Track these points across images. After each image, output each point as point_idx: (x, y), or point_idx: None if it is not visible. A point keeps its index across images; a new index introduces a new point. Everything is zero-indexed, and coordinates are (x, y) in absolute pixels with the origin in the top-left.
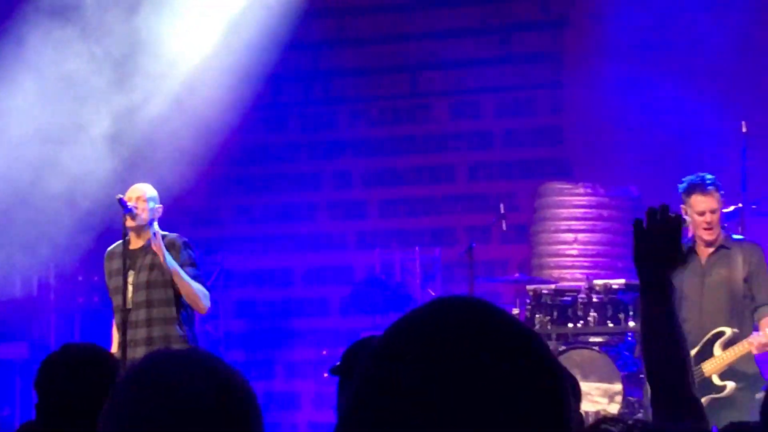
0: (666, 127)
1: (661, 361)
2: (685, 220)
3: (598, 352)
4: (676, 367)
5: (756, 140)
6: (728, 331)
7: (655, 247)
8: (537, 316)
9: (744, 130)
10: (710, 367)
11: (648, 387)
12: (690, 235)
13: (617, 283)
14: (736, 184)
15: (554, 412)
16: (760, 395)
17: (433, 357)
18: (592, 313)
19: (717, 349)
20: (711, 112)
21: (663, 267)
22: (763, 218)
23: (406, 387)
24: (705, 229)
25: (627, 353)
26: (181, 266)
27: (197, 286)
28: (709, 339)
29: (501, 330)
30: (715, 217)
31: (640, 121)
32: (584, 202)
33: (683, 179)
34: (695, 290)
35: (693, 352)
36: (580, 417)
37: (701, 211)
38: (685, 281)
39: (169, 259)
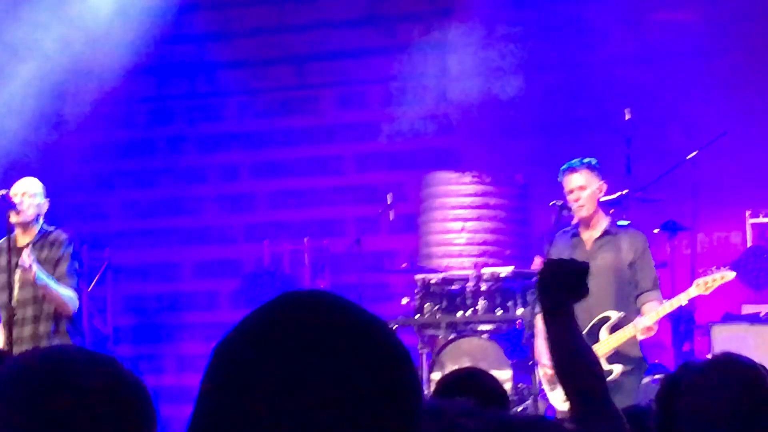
0: (552, 115)
1: (572, 374)
2: (570, 207)
3: (487, 340)
4: (587, 375)
5: (640, 127)
6: (614, 315)
7: (559, 277)
8: (426, 305)
9: (628, 117)
10: (597, 351)
11: (537, 373)
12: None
13: (505, 271)
14: (622, 170)
15: (401, 402)
16: (646, 380)
17: (276, 352)
18: (481, 302)
19: (603, 332)
20: (596, 100)
21: (566, 297)
22: (648, 204)
23: (247, 382)
24: (576, 207)
25: (516, 341)
26: (60, 262)
27: (65, 293)
28: (595, 323)
29: (347, 323)
30: (585, 194)
31: (525, 109)
32: (471, 191)
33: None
34: None
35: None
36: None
37: (570, 189)
38: None
39: (40, 277)
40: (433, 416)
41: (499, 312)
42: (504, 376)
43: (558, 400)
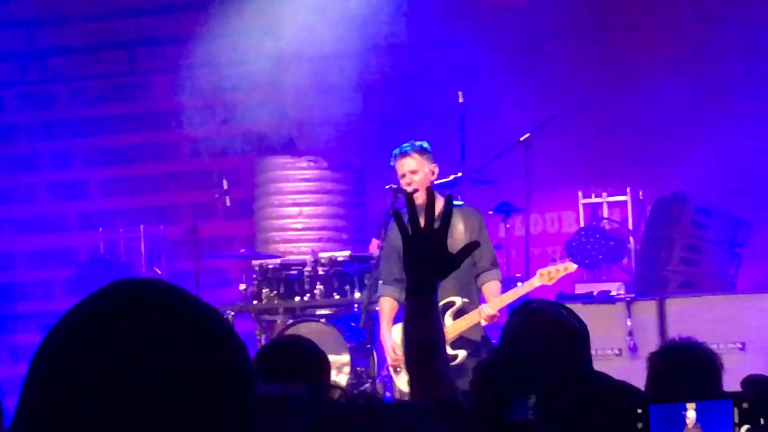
0: (387, 98)
1: (421, 348)
2: (405, 190)
3: (325, 324)
4: (433, 350)
5: (473, 110)
6: (458, 301)
7: (424, 251)
8: (264, 290)
9: (461, 100)
10: None
11: (375, 357)
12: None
13: (342, 255)
14: (456, 153)
15: (232, 389)
16: None
17: (104, 340)
18: (319, 286)
19: (448, 318)
20: (430, 83)
21: (432, 272)
22: (482, 186)
23: (74, 370)
24: (410, 190)
25: (353, 324)
26: None
27: None
28: (439, 309)
29: (177, 310)
30: (417, 177)
31: (362, 93)
32: (308, 176)
33: None
34: None
35: None
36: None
37: (402, 174)
38: None
39: None
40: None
41: (336, 296)
42: (342, 359)
43: (403, 383)
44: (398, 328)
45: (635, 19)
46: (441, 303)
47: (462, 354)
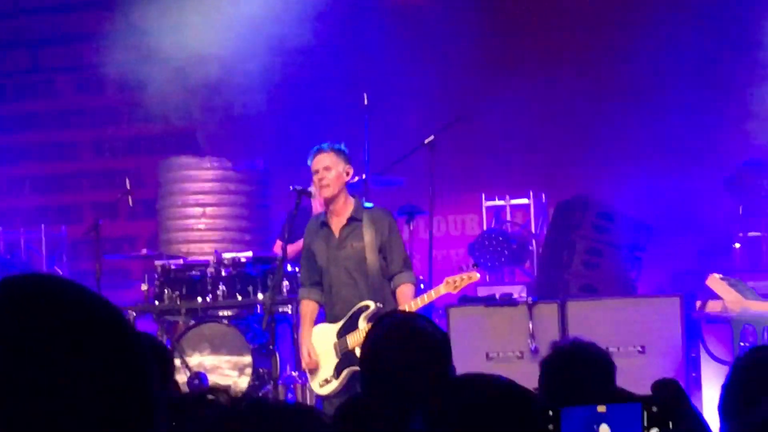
0: (291, 100)
1: None
2: (309, 192)
3: (227, 325)
4: None
5: (377, 112)
6: (372, 305)
7: None
8: (166, 291)
9: (365, 102)
10: (354, 340)
11: (278, 358)
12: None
13: (245, 256)
14: (360, 155)
15: (133, 383)
16: None
17: None
18: (221, 287)
19: (362, 322)
20: (334, 85)
21: None
22: (386, 188)
23: None
24: (320, 186)
25: (256, 326)
26: None
27: None
28: (354, 312)
29: (67, 305)
30: (330, 174)
31: (266, 94)
32: (211, 176)
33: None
34: (334, 264)
35: (339, 325)
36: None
37: (315, 170)
38: (322, 256)
39: None
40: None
41: (239, 297)
42: (244, 361)
43: (317, 385)
44: (318, 330)
45: (538, 23)
46: (356, 307)
47: None
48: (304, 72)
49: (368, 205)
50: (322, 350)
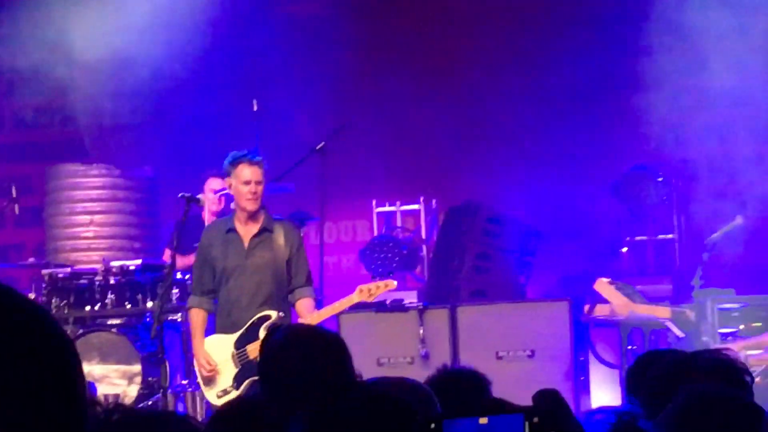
0: (181, 106)
1: None
2: (198, 199)
3: (116, 334)
4: None
5: (266, 118)
6: (274, 315)
7: None
8: (54, 300)
9: (255, 108)
10: (255, 350)
11: (168, 367)
12: (210, 212)
13: (134, 264)
14: None
15: (64, 388)
16: None
17: None
18: (110, 295)
19: (262, 332)
20: (224, 91)
21: None
22: (277, 195)
23: None
24: (249, 199)
25: (145, 334)
26: None
27: None
28: (254, 322)
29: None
30: (260, 189)
31: (155, 100)
32: (99, 184)
33: (230, 154)
34: (240, 273)
35: (237, 335)
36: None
37: (247, 180)
38: (227, 263)
39: None
40: None
41: (128, 306)
42: (134, 370)
43: (213, 395)
44: (212, 340)
45: (427, 29)
46: (257, 316)
47: None
48: (192, 78)
49: (278, 216)
50: (219, 360)
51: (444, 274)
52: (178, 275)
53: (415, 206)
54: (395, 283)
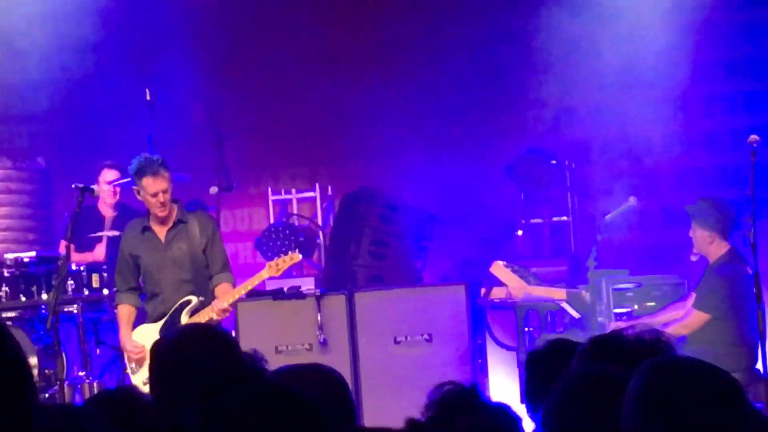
0: (74, 97)
1: None
2: (92, 190)
3: (11, 327)
4: None
5: (160, 108)
6: (194, 300)
7: None
8: None
9: (148, 98)
10: None
11: (64, 359)
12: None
13: (28, 256)
14: (144, 151)
15: (15, 387)
16: None
17: None
18: (4, 288)
19: (184, 317)
20: (118, 82)
21: None
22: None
23: None
24: (158, 207)
25: (41, 326)
26: None
27: None
28: (176, 308)
29: None
30: (167, 195)
31: (47, 92)
32: None
33: (133, 161)
34: (161, 266)
35: (163, 321)
36: None
37: (154, 193)
38: (148, 259)
39: None
40: None
41: (23, 298)
42: (30, 362)
43: (139, 381)
44: (139, 331)
45: (322, 18)
46: (179, 302)
47: None
48: (84, 69)
49: (191, 209)
50: (147, 348)
51: (341, 261)
52: (73, 266)
53: (311, 193)
54: (300, 256)
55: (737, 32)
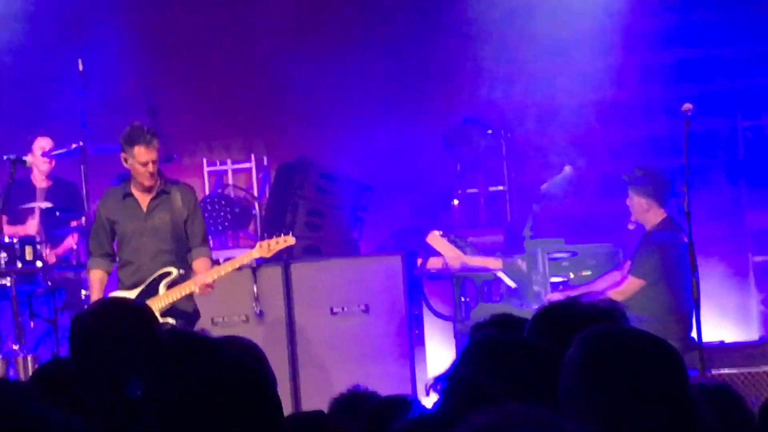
0: (8, 69)
1: None
2: (25, 161)
3: None
4: None
5: (93, 78)
6: (174, 272)
7: None
8: None
9: (81, 68)
10: (154, 305)
11: None
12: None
13: None
14: (78, 121)
15: None
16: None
17: None
18: None
19: (162, 288)
20: (49, 52)
21: None
22: (104, 155)
23: None
24: (147, 177)
25: None
26: None
27: None
28: (155, 278)
29: None
30: (156, 165)
31: None
32: None
33: (126, 129)
34: (139, 234)
35: (139, 290)
36: None
37: (145, 162)
38: (127, 226)
39: None
40: None
41: None
42: None
43: None
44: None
45: None
46: (158, 273)
47: (170, 322)
48: (16, 39)
49: (173, 180)
50: None
51: (277, 232)
52: (6, 239)
53: (247, 164)
54: (294, 239)
55: (671, 1)
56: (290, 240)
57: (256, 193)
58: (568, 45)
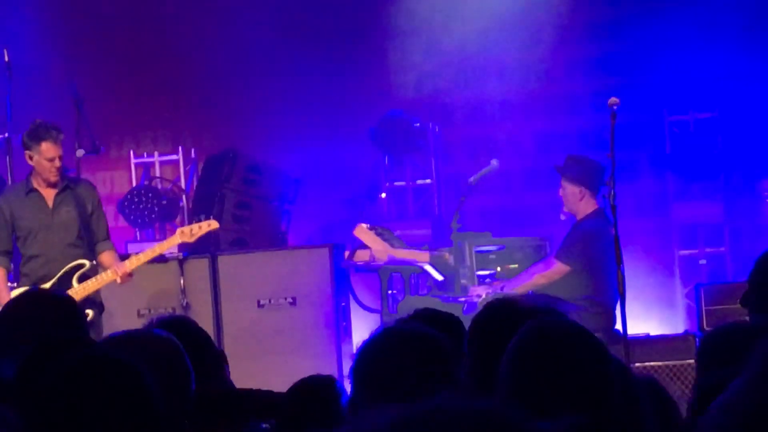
0: None
1: None
2: None
3: None
4: None
5: (18, 69)
6: (87, 264)
7: None
8: None
9: (6, 58)
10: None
11: None
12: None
13: None
14: (3, 113)
15: None
16: None
17: None
18: None
19: (75, 281)
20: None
21: None
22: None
23: None
24: (53, 172)
25: None
26: None
27: None
28: (67, 271)
29: None
30: (61, 162)
31: None
32: None
33: (30, 126)
34: (46, 228)
35: (50, 283)
36: None
37: (52, 158)
38: (32, 221)
39: None
40: None
41: None
42: None
43: None
44: (19, 292)
45: None
46: (71, 265)
47: (91, 314)
48: None
49: (73, 177)
50: None
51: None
52: None
53: (174, 156)
54: (217, 223)
55: None
56: (213, 224)
57: (183, 186)
58: (495, 39)
